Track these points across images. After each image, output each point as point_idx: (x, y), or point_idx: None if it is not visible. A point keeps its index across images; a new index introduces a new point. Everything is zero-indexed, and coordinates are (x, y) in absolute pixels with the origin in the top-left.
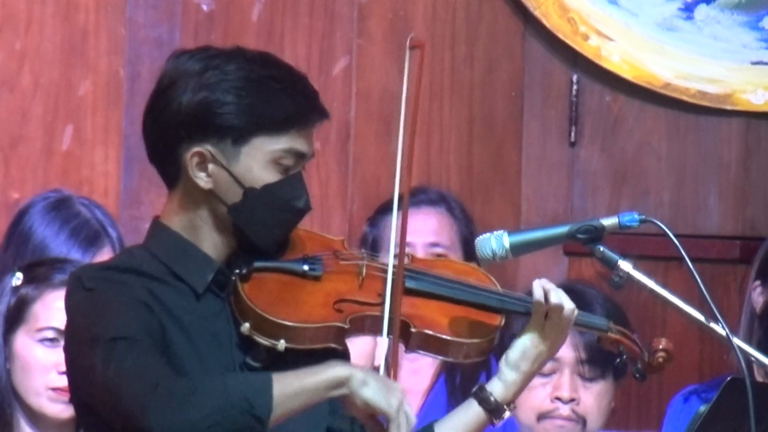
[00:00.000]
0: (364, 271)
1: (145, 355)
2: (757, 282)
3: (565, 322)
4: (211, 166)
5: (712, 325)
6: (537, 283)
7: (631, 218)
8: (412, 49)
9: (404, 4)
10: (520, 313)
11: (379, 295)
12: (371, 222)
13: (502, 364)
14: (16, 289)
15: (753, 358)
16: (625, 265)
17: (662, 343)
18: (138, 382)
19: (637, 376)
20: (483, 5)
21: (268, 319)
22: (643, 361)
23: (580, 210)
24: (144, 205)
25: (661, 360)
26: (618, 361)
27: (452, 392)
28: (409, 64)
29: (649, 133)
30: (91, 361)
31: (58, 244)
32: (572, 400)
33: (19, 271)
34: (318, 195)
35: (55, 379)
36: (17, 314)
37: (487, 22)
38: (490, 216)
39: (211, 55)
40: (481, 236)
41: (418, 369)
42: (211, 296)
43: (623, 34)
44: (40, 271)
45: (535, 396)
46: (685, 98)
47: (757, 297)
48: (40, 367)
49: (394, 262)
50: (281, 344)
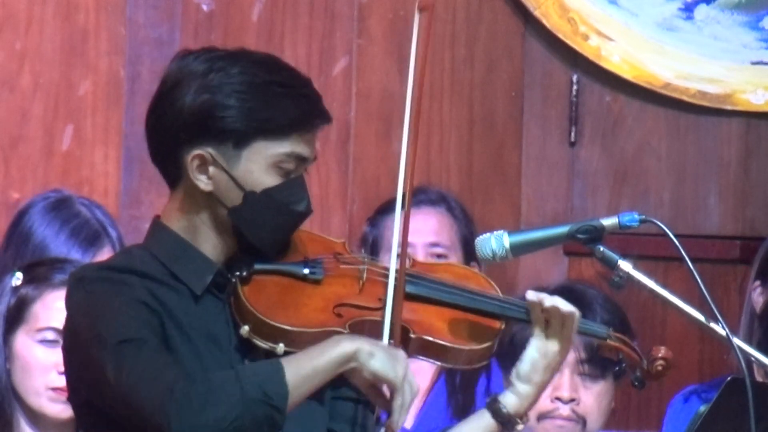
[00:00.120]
0: (365, 275)
1: (155, 357)
2: (757, 282)
3: (567, 326)
4: (211, 169)
5: (712, 325)
6: (530, 292)
7: (631, 218)
8: (420, 11)
9: (404, 4)
10: (520, 320)
11: (379, 300)
12: (371, 222)
13: (513, 377)
14: (16, 289)
15: (753, 358)
16: (625, 265)
17: (662, 351)
18: (154, 386)
19: (636, 384)
20: (483, 5)
21: (267, 322)
22: (642, 369)
23: (580, 210)
24: (144, 205)
25: (660, 368)
26: (617, 368)
27: (452, 393)
28: (419, 28)
29: (649, 133)
30: (100, 364)
31: (58, 244)
32: (572, 400)
33: (19, 271)
34: (318, 195)
35: (55, 379)
36: (17, 314)
37: (487, 22)
38: (490, 216)
39: (216, 56)
40: (481, 236)
41: (418, 369)
42: (210, 298)
43: (623, 34)
44: (40, 271)
45: None
46: (685, 98)
47: (757, 297)
48: (40, 367)
49: (396, 266)
50: (280, 348)
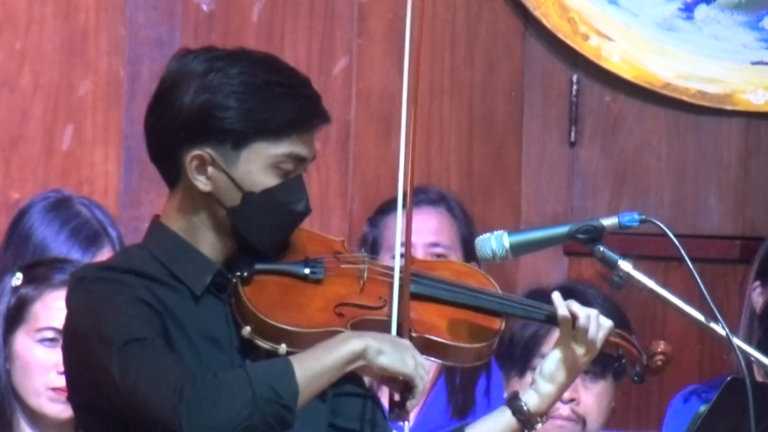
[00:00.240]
0: (366, 274)
1: (161, 356)
2: (757, 282)
3: (593, 330)
4: (210, 169)
5: (712, 325)
6: (559, 300)
7: (631, 218)
8: None
9: (404, 4)
10: (520, 317)
11: (380, 299)
12: (371, 222)
13: (537, 376)
14: (16, 289)
15: (753, 358)
16: (625, 265)
17: (661, 346)
18: (161, 387)
19: (636, 379)
20: (483, 5)
21: (269, 323)
22: (641, 364)
23: (580, 210)
24: (144, 205)
25: (659, 363)
26: (617, 364)
27: (452, 392)
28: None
29: (649, 133)
30: (104, 364)
31: (58, 244)
32: (572, 400)
33: (19, 271)
34: (318, 195)
35: (55, 379)
36: (17, 314)
37: (487, 22)
38: (490, 216)
39: (215, 56)
40: (481, 236)
41: None
42: (211, 298)
43: (623, 34)
44: (40, 271)
45: None
46: (685, 98)
47: (757, 297)
48: (40, 367)
49: (401, 265)
50: (282, 348)
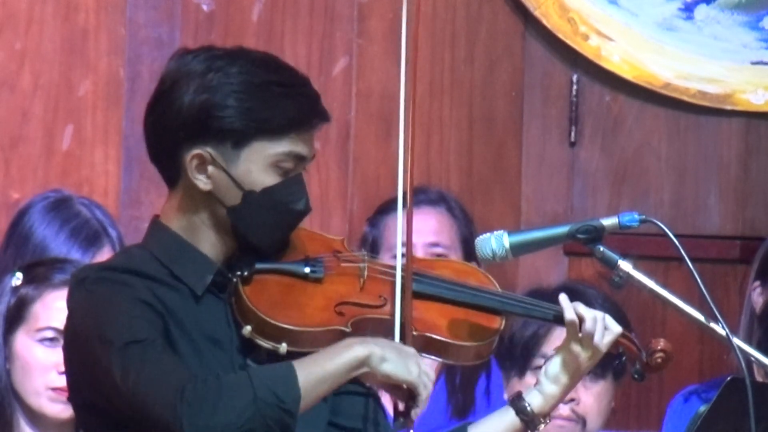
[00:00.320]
0: (366, 273)
1: (163, 357)
2: (757, 282)
3: (599, 333)
4: (210, 168)
5: (712, 325)
6: (566, 303)
7: (631, 218)
8: None
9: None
10: (520, 315)
11: (380, 297)
12: (371, 222)
13: (541, 376)
14: (16, 289)
15: (753, 358)
16: (625, 265)
17: (661, 343)
18: (163, 388)
19: (636, 376)
20: (483, 5)
21: (270, 322)
22: (641, 362)
23: (580, 210)
24: (144, 205)
25: (659, 360)
26: (617, 362)
27: (452, 392)
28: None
29: (649, 133)
30: (105, 365)
31: (58, 244)
32: (572, 400)
33: (19, 271)
34: (318, 195)
35: (55, 379)
36: (17, 314)
37: (487, 22)
38: (490, 216)
39: (214, 56)
40: (481, 236)
41: None
42: (211, 297)
43: (623, 34)
44: (40, 271)
45: None
46: (685, 98)
47: (757, 297)
48: (40, 367)
49: (402, 265)
50: (283, 347)
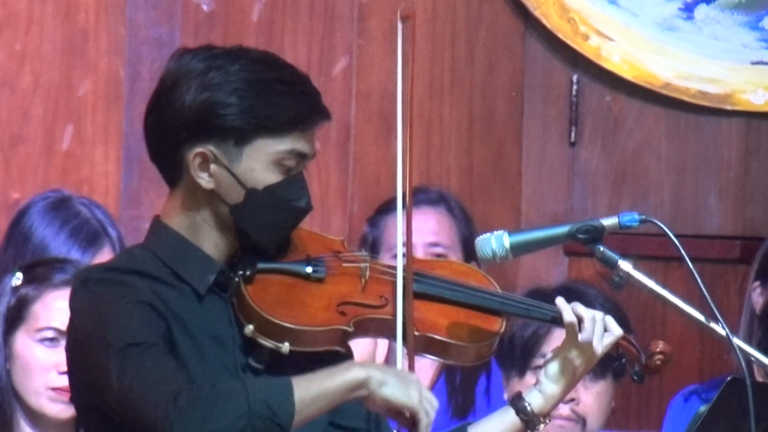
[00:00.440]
0: (367, 273)
1: (161, 361)
2: (757, 282)
3: (599, 333)
4: (213, 167)
5: (712, 325)
6: (564, 305)
7: (631, 218)
8: (403, 20)
9: (404, 4)
10: (520, 316)
11: (381, 298)
12: (371, 222)
13: (541, 376)
14: (16, 289)
15: (753, 358)
16: (625, 265)
17: (660, 345)
18: (157, 391)
19: (635, 378)
20: (483, 5)
21: (272, 321)
22: (640, 364)
23: (580, 210)
24: (144, 205)
25: (658, 362)
26: (616, 363)
27: (452, 392)
28: (402, 37)
29: (649, 133)
30: (104, 367)
31: (58, 244)
32: (572, 399)
33: (19, 271)
34: (318, 195)
35: (55, 379)
36: (17, 314)
37: (487, 22)
38: (490, 216)
39: (215, 54)
40: (481, 236)
41: (418, 369)
42: (213, 297)
43: (623, 34)
44: (40, 271)
45: None
46: (685, 98)
47: (757, 297)
48: (40, 367)
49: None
50: (285, 347)
